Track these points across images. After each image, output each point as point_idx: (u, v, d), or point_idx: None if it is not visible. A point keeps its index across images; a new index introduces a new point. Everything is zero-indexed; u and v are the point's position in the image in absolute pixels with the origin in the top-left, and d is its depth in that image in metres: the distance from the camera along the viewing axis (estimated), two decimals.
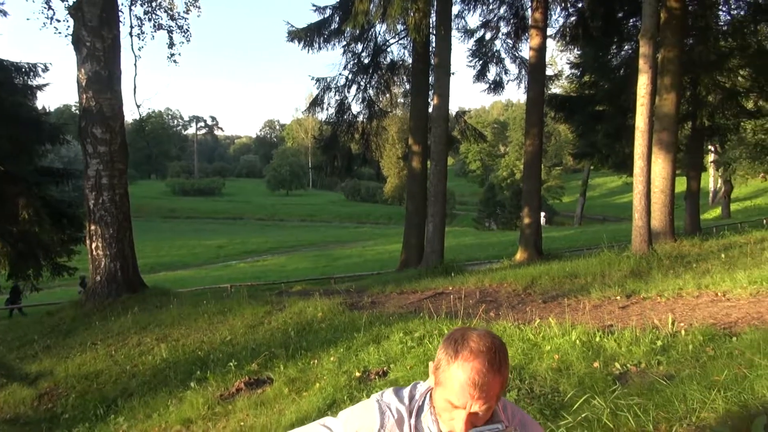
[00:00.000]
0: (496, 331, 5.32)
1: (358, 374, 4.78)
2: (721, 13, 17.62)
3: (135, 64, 12.95)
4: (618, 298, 6.71)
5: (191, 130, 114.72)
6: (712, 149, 34.52)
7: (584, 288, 7.54)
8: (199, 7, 13.60)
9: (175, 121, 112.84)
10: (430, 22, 12.03)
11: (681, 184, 19.68)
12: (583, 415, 2.85)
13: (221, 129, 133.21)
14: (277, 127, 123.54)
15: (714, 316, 5.31)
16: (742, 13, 17.44)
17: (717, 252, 9.34)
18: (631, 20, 16.64)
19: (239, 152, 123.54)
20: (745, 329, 4.55)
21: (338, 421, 1.70)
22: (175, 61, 14.11)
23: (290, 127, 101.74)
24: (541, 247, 13.59)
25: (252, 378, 5.23)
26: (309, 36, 13.62)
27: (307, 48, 13.78)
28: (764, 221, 18.61)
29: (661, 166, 11.12)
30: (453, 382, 1.48)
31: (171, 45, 13.73)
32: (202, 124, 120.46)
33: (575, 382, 3.73)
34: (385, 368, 4.88)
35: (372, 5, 10.50)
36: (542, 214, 31.09)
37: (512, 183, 55.11)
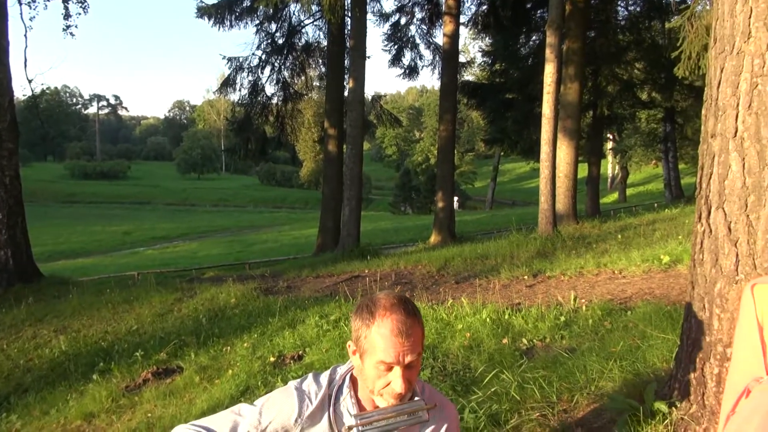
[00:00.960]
0: None
1: (272, 359, 4.70)
2: (619, 8, 18.71)
3: (25, 35, 11.87)
4: (525, 277, 7.01)
5: (92, 110, 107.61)
6: (611, 137, 36.79)
7: (494, 268, 7.82)
8: None
9: (74, 99, 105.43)
10: (346, 3, 11.89)
11: (583, 170, 20.87)
12: (492, 390, 2.95)
13: (126, 109, 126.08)
14: (188, 109, 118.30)
15: (611, 293, 5.69)
16: (638, 9, 18.61)
17: (614, 233, 9.98)
18: (539, 11, 17.30)
19: (146, 134, 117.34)
20: (638, 303, 4.89)
21: (254, 408, 1.65)
22: (71, 34, 13.10)
23: (201, 108, 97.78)
24: (454, 230, 13.95)
25: (160, 368, 5.02)
26: (219, 13, 13.09)
27: (217, 25, 13.24)
28: (655, 205, 20.08)
29: (565, 152, 11.71)
30: (379, 341, 1.48)
31: (67, 16, 12.73)
32: (105, 103, 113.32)
33: (485, 359, 3.86)
34: (300, 352, 4.84)
35: None
36: (455, 198, 31.94)
37: (427, 168, 56.15)
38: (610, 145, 40.89)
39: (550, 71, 9.46)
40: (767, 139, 2.06)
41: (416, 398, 1.61)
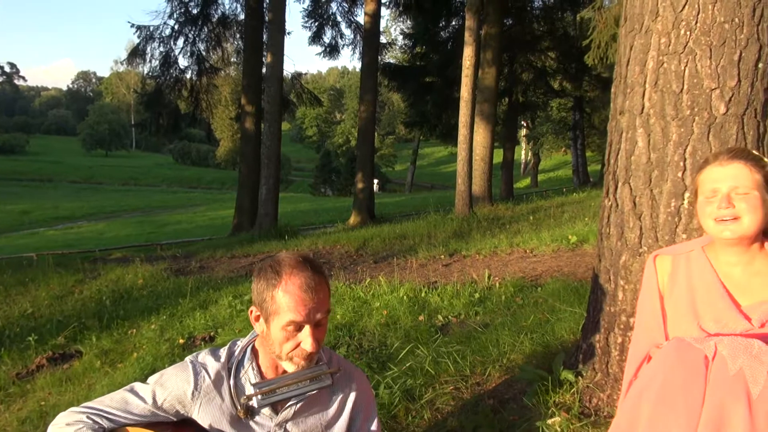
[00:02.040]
0: None
1: (182, 341, 4.50)
2: None
3: None
4: (442, 257, 7.13)
5: None
6: (524, 125, 38.20)
7: (412, 248, 7.89)
8: None
9: None
10: None
11: (498, 156, 21.54)
12: (407, 365, 2.94)
13: (23, 78, 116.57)
14: (94, 81, 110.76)
15: (523, 270, 5.88)
16: (552, 0, 19.29)
17: (526, 215, 10.36)
18: None
19: (47, 106, 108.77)
20: (548, 280, 5.08)
21: (147, 386, 1.54)
22: None
23: (109, 80, 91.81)
24: (374, 211, 13.98)
25: (57, 353, 4.67)
26: None
27: None
28: (564, 189, 21.07)
29: (482, 135, 11.98)
30: (287, 300, 1.42)
31: None
32: None
33: (402, 335, 3.86)
34: (212, 333, 4.66)
35: None
36: (375, 181, 32.06)
37: (348, 150, 55.91)
38: (523, 132, 42.47)
39: (468, 54, 9.60)
40: (671, 116, 2.14)
41: (320, 363, 1.56)
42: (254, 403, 1.50)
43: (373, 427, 1.71)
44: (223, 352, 1.60)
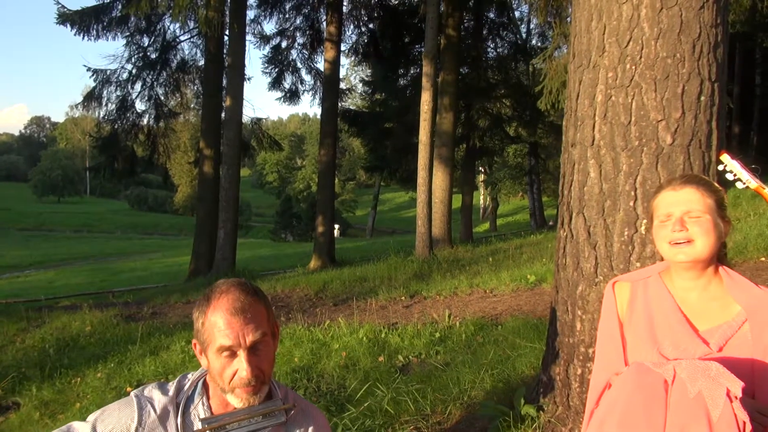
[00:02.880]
0: (287, 335, 5.19)
1: (129, 389, 4.25)
2: (489, 49, 20.07)
3: None
4: (403, 298, 7.08)
5: None
6: (482, 170, 39.06)
7: (373, 290, 7.80)
8: None
9: None
10: (225, 21, 11.55)
11: (457, 201, 21.83)
12: (366, 405, 2.84)
13: None
14: (48, 126, 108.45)
15: (483, 310, 5.87)
16: (505, 51, 20.09)
17: (486, 256, 10.43)
18: (416, 46, 18.03)
19: None
20: (508, 319, 5.07)
21: (86, 423, 1.42)
22: None
23: (63, 126, 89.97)
24: (334, 255, 13.87)
25: None
26: (84, 21, 12.11)
27: (82, 34, 12.25)
28: (522, 233, 21.44)
29: (440, 178, 12.15)
30: (216, 323, 1.36)
31: None
32: None
33: (361, 377, 3.75)
34: (162, 380, 4.43)
35: None
36: (336, 226, 31.96)
37: (309, 195, 55.83)
38: (482, 177, 43.37)
39: (426, 99, 9.82)
40: (621, 147, 2.19)
41: (274, 400, 1.47)
42: None
43: None
44: (171, 386, 1.50)
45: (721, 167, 2.05)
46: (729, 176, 2.05)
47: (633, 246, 2.17)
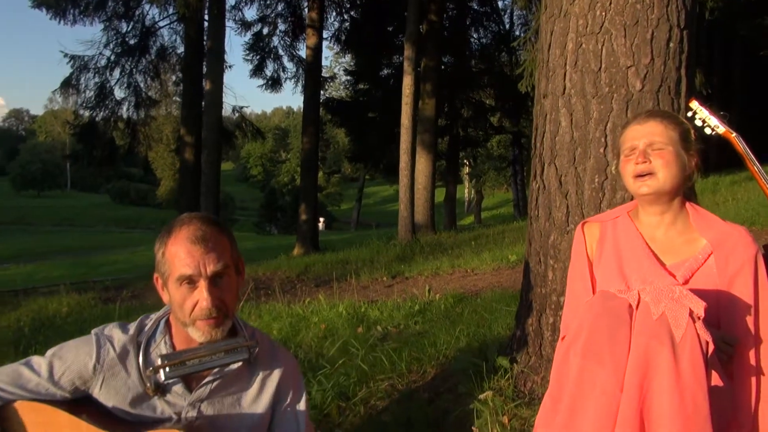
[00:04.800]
0: (266, 312, 5.17)
1: None
2: (472, 39, 20.10)
3: None
4: (384, 278, 7.09)
5: None
6: (467, 163, 39.16)
7: (354, 272, 7.80)
8: None
9: None
10: (204, 3, 11.42)
11: (442, 194, 21.86)
12: (340, 362, 2.83)
13: None
14: (27, 119, 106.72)
15: (464, 287, 5.89)
16: (489, 40, 20.14)
17: (468, 241, 10.47)
18: (400, 35, 17.99)
19: None
20: (487, 293, 5.10)
21: (44, 359, 1.39)
22: None
23: (43, 119, 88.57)
24: (318, 243, 13.83)
25: None
26: (60, 4, 11.91)
27: (58, 18, 12.04)
28: (506, 222, 21.56)
29: (423, 164, 12.15)
30: (177, 253, 1.33)
31: None
32: None
33: (340, 347, 3.74)
34: None
35: None
36: (321, 219, 31.87)
37: (293, 189, 55.58)
38: (466, 170, 43.47)
39: (408, 83, 9.82)
40: (591, 94, 2.20)
41: (236, 338, 1.45)
42: (161, 376, 1.38)
43: (301, 407, 1.60)
44: (132, 326, 1.48)
45: (690, 114, 2.06)
46: (698, 122, 2.06)
47: (603, 192, 2.18)
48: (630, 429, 1.40)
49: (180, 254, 1.32)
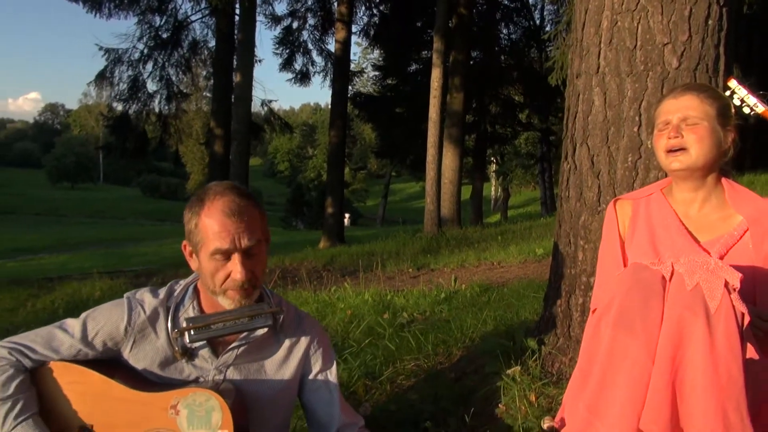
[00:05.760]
0: (293, 298, 5.21)
1: None
2: (502, 35, 19.93)
3: None
4: (410, 270, 7.10)
5: None
6: (494, 160, 38.85)
7: (380, 263, 7.82)
8: None
9: None
10: None
11: (467, 193, 21.72)
12: (367, 341, 2.85)
13: None
14: (62, 113, 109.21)
15: (490, 279, 5.87)
16: (519, 36, 19.95)
17: (495, 236, 10.40)
18: (428, 30, 17.95)
19: (13, 138, 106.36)
20: (514, 283, 5.07)
21: (77, 320, 1.43)
22: None
23: (77, 113, 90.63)
24: (343, 236, 13.91)
25: None
26: None
27: (94, 11, 12.32)
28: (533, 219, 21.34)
29: (450, 159, 12.11)
30: (211, 226, 1.34)
31: None
32: None
33: (365, 329, 3.77)
34: None
35: None
36: (347, 215, 31.93)
37: (320, 184, 55.87)
38: (493, 168, 43.12)
39: (436, 76, 9.79)
40: (626, 72, 2.17)
41: (262, 304, 1.47)
42: (186, 338, 1.41)
43: (332, 378, 1.62)
44: (162, 291, 1.52)
45: (728, 92, 2.01)
46: (736, 101, 2.01)
47: (637, 172, 2.14)
48: (662, 400, 1.38)
49: (214, 227, 1.33)
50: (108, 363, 1.43)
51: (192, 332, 1.38)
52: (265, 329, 1.47)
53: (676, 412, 1.38)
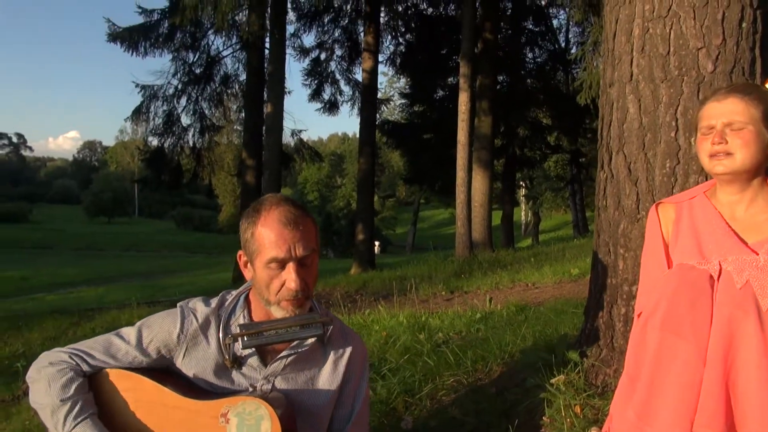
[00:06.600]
0: None
1: None
2: (528, 58, 20.00)
3: None
4: (443, 293, 7.06)
5: None
6: (523, 184, 38.58)
7: (413, 287, 7.79)
8: None
9: None
10: (266, 29, 11.89)
11: (497, 218, 21.57)
12: (405, 357, 2.84)
13: (30, 149, 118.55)
14: (99, 150, 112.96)
15: (525, 299, 5.79)
16: (544, 59, 19.98)
17: (528, 258, 10.28)
18: (454, 57, 18.13)
19: (52, 176, 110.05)
20: (551, 302, 4.99)
21: (133, 328, 1.48)
22: None
23: (114, 150, 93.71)
24: (374, 262, 13.92)
25: None
26: (133, 38, 12.68)
27: (131, 51, 12.81)
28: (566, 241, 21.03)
29: (480, 182, 12.08)
30: (267, 236, 1.37)
31: None
32: (6, 141, 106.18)
33: (401, 349, 3.74)
34: None
35: (201, 1, 10.06)
36: (376, 243, 31.97)
37: (349, 213, 56.20)
38: (522, 192, 42.80)
39: (464, 100, 9.85)
40: (660, 78, 2.16)
41: (312, 313, 1.49)
42: (239, 344, 1.43)
43: (362, 392, 1.63)
44: (214, 300, 1.55)
45: None
46: None
47: (676, 178, 2.12)
48: (715, 403, 1.34)
49: (271, 236, 1.36)
50: (160, 371, 1.46)
51: (245, 338, 1.41)
52: (314, 339, 1.48)
53: (730, 415, 1.34)
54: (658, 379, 1.43)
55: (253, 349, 1.43)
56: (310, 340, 1.48)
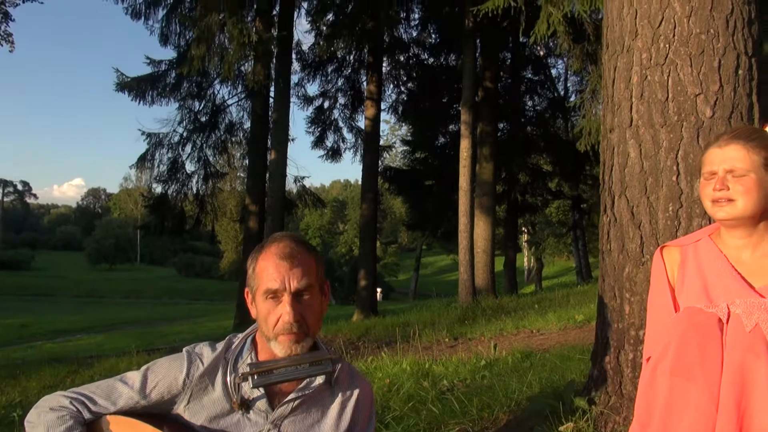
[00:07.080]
0: None
1: None
2: (527, 105, 20.36)
3: None
4: (446, 340, 6.96)
5: None
6: (525, 230, 38.57)
7: (416, 334, 7.69)
8: (12, 42, 12.29)
9: None
10: (270, 78, 12.17)
11: (500, 264, 21.51)
12: (410, 404, 2.77)
13: (35, 196, 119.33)
14: (103, 197, 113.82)
15: (530, 346, 5.70)
16: (544, 106, 20.33)
17: (531, 304, 10.20)
18: (455, 105, 18.46)
19: (56, 223, 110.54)
20: (557, 348, 4.92)
21: (137, 372, 1.46)
22: None
23: (117, 197, 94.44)
24: (376, 308, 13.79)
25: None
26: (141, 87, 12.99)
27: (138, 100, 13.10)
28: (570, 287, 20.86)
29: (482, 228, 12.10)
30: (265, 268, 1.38)
31: None
32: (11, 189, 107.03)
33: (405, 397, 3.67)
34: None
35: (209, 53, 10.36)
36: (378, 289, 31.77)
37: (350, 259, 56.07)
38: (525, 238, 42.75)
39: (465, 146, 9.97)
40: (660, 123, 2.19)
41: (320, 350, 1.48)
42: (249, 384, 1.41)
43: (371, 429, 1.60)
44: (220, 345, 1.53)
45: None
46: None
47: (679, 221, 2.12)
48: None
49: (268, 269, 1.38)
50: (160, 417, 1.43)
51: (255, 377, 1.39)
52: (322, 381, 1.46)
53: None
54: (671, 425, 1.40)
55: (263, 390, 1.41)
56: (318, 382, 1.46)
